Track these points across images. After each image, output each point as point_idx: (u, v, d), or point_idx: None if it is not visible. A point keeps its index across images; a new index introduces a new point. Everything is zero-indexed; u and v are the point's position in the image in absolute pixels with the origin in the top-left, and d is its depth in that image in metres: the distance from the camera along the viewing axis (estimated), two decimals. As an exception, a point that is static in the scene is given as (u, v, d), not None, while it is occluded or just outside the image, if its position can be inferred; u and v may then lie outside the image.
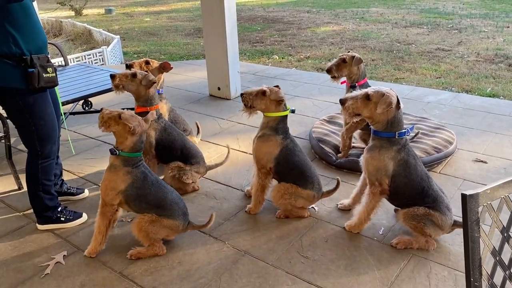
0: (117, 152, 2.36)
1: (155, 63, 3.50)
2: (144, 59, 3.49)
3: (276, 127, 2.72)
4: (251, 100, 2.67)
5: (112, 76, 2.95)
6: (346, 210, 2.94)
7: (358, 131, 3.56)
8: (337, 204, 3.01)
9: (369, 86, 2.61)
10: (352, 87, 3.32)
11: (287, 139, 2.75)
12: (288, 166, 2.76)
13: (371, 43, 9.19)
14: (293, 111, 2.79)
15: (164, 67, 3.49)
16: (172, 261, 2.52)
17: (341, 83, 3.54)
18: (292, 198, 2.78)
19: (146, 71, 3.35)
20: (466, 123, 4.30)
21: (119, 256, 2.56)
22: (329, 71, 3.37)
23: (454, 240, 2.59)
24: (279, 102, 2.67)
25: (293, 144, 2.78)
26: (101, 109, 2.40)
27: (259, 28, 11.78)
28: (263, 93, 2.66)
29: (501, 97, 5.51)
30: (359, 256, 2.51)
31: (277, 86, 2.72)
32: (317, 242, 2.64)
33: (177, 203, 2.51)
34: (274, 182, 2.90)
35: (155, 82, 3.00)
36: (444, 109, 4.71)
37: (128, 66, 3.39)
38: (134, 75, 2.95)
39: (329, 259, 2.49)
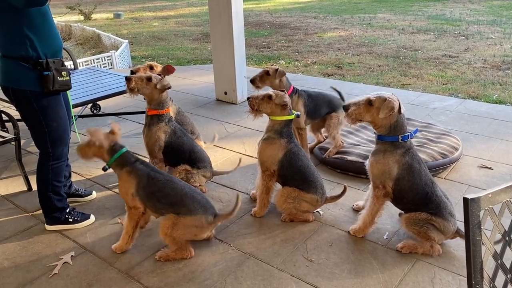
0: (106, 167, 2.49)
1: (158, 67, 3.55)
2: (148, 63, 3.54)
3: (281, 131, 2.76)
4: (258, 104, 2.71)
5: (128, 79, 2.95)
6: (350, 215, 2.96)
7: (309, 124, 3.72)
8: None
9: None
10: None
11: (292, 143, 2.78)
12: (291, 169, 2.78)
13: (377, 49, 9.20)
14: (298, 116, 2.82)
15: (167, 70, 3.54)
16: (178, 262, 2.54)
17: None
18: (296, 202, 2.80)
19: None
20: (472, 129, 4.30)
21: (126, 257, 2.60)
22: (252, 81, 3.45)
23: (458, 246, 2.60)
24: (284, 107, 2.71)
25: (297, 148, 2.80)
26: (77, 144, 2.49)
27: (266, 34, 11.84)
28: (269, 97, 2.70)
29: (508, 104, 5.49)
30: (364, 260, 2.52)
31: (282, 91, 2.76)
32: (322, 246, 2.66)
33: (192, 197, 2.45)
34: (279, 186, 2.93)
35: (170, 87, 3.04)
36: (450, 115, 4.71)
37: (133, 72, 3.42)
38: (149, 79, 2.97)
39: (334, 262, 2.51)
